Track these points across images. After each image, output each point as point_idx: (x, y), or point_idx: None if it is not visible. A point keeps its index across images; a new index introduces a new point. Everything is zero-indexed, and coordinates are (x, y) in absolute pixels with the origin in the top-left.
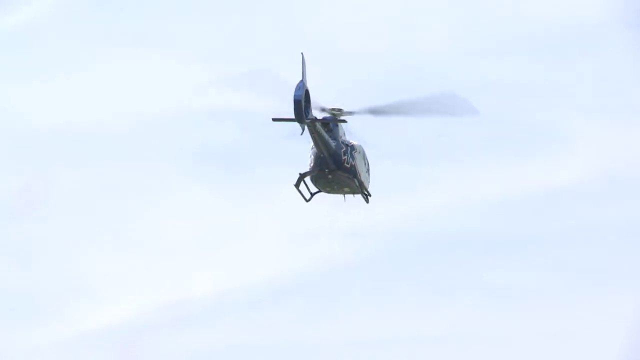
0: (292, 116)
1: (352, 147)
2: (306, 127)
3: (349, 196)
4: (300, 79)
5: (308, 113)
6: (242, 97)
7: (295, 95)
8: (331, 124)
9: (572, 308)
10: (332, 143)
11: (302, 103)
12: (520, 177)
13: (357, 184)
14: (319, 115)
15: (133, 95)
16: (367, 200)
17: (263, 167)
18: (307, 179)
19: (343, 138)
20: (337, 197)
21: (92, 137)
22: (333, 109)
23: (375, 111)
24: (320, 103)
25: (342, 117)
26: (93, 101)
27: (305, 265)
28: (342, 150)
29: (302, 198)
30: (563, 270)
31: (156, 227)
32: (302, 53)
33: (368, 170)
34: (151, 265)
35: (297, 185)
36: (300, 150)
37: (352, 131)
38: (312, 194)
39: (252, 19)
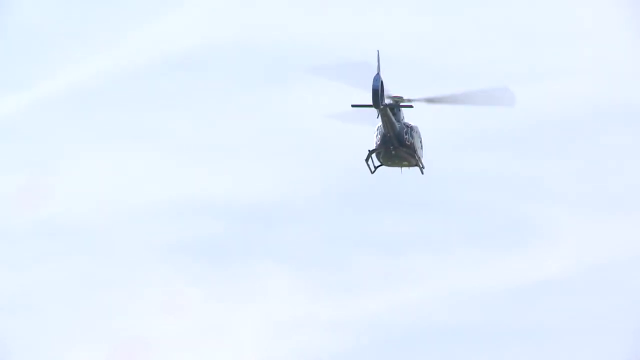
0: (369, 103)
1: (411, 128)
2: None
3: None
4: (377, 72)
5: (383, 100)
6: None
7: (374, 86)
8: (395, 109)
9: None
10: (397, 125)
11: (379, 92)
12: (503, 269)
13: (416, 158)
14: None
15: (114, 188)
16: (422, 172)
17: (245, 260)
18: (373, 155)
19: (404, 120)
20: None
21: (74, 229)
22: (395, 97)
23: (431, 100)
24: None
25: (406, 103)
26: (76, 194)
27: (287, 358)
28: (404, 130)
29: (368, 170)
30: None
31: (139, 320)
32: (377, 50)
33: (422, 147)
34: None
35: (366, 159)
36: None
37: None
38: (376, 167)
39: (237, 112)
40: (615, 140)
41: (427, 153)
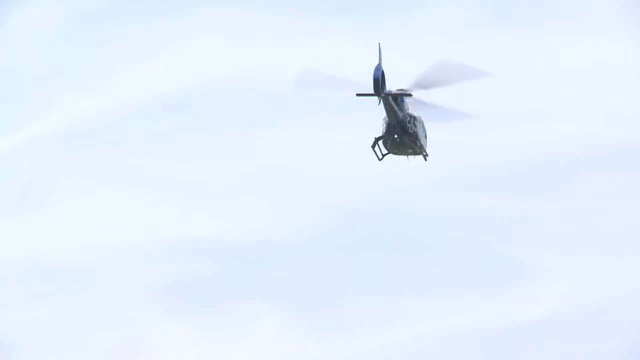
0: (372, 92)
1: (414, 118)
2: (382, 100)
3: (411, 157)
4: (378, 62)
5: (384, 89)
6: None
7: (374, 75)
8: (399, 99)
9: None
10: (400, 114)
11: (379, 81)
12: (497, 311)
13: (419, 146)
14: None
15: (103, 230)
16: (425, 159)
17: (236, 301)
18: (380, 143)
19: (407, 111)
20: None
21: (62, 270)
22: (399, 89)
23: (419, 84)
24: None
25: (405, 92)
26: (65, 235)
27: None
28: (407, 119)
29: (375, 157)
30: None
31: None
32: (379, 43)
33: (425, 137)
34: None
35: (372, 146)
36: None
37: None
38: (383, 155)
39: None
40: (609, 181)
41: (421, 194)
